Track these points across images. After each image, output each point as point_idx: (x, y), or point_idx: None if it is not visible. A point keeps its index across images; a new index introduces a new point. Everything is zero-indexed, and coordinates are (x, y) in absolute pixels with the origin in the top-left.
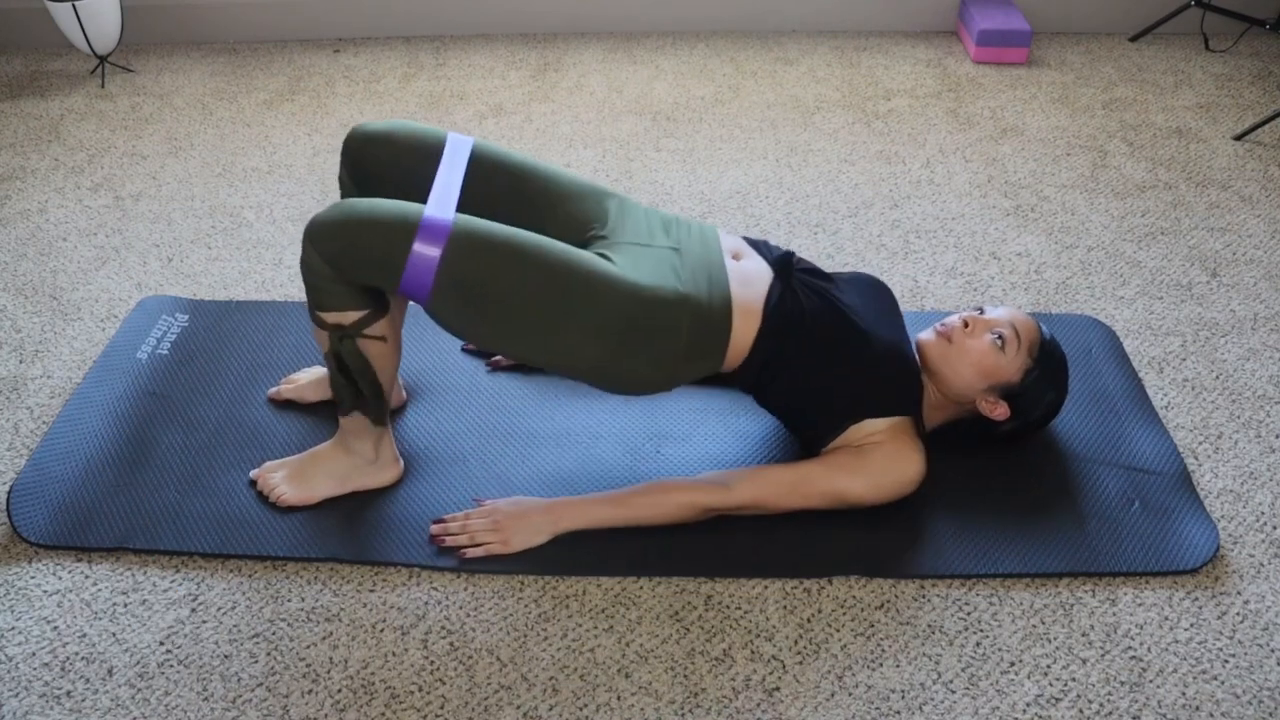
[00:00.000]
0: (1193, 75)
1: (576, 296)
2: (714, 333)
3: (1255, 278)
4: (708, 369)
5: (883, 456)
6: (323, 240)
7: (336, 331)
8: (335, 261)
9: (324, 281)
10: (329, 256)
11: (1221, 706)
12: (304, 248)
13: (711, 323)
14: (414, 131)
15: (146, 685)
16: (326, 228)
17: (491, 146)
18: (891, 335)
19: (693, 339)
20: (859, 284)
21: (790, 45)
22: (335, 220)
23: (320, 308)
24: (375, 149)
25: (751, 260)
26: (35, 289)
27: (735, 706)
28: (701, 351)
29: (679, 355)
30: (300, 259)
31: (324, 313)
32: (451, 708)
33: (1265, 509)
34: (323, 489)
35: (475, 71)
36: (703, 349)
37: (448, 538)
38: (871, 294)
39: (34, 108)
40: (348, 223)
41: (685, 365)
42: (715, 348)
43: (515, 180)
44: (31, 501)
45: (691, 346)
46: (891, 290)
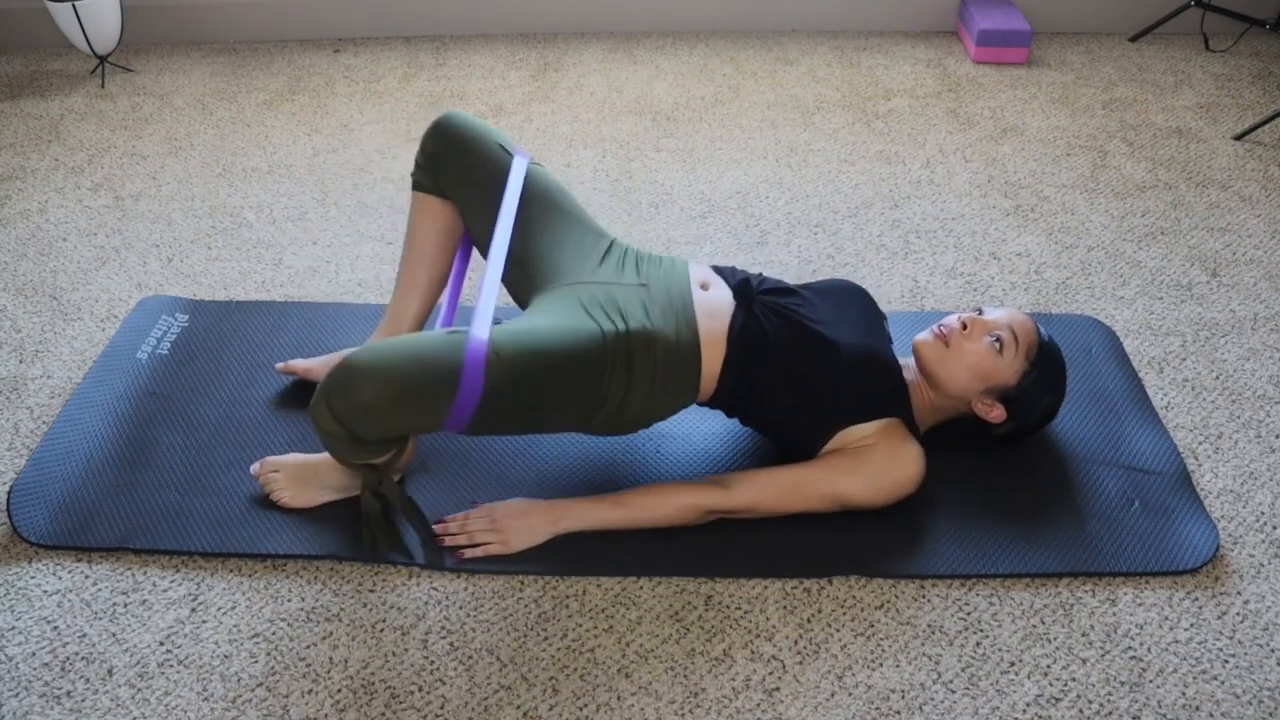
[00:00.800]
0: (1193, 75)
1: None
2: (685, 366)
3: (1255, 278)
4: (684, 401)
5: (879, 456)
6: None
7: (373, 475)
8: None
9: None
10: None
11: (1221, 706)
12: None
13: (682, 356)
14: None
15: (146, 685)
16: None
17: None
18: (863, 340)
19: (667, 376)
20: (831, 292)
21: (790, 45)
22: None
23: (347, 457)
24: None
25: (717, 289)
26: (35, 289)
27: (735, 706)
28: (676, 386)
29: (655, 394)
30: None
31: (353, 459)
32: (451, 708)
33: (1265, 509)
34: (323, 496)
35: (475, 71)
36: (677, 382)
37: (447, 538)
38: (843, 301)
39: (34, 108)
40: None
41: (662, 402)
42: (688, 380)
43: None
44: (31, 501)
45: (666, 384)
46: (868, 293)
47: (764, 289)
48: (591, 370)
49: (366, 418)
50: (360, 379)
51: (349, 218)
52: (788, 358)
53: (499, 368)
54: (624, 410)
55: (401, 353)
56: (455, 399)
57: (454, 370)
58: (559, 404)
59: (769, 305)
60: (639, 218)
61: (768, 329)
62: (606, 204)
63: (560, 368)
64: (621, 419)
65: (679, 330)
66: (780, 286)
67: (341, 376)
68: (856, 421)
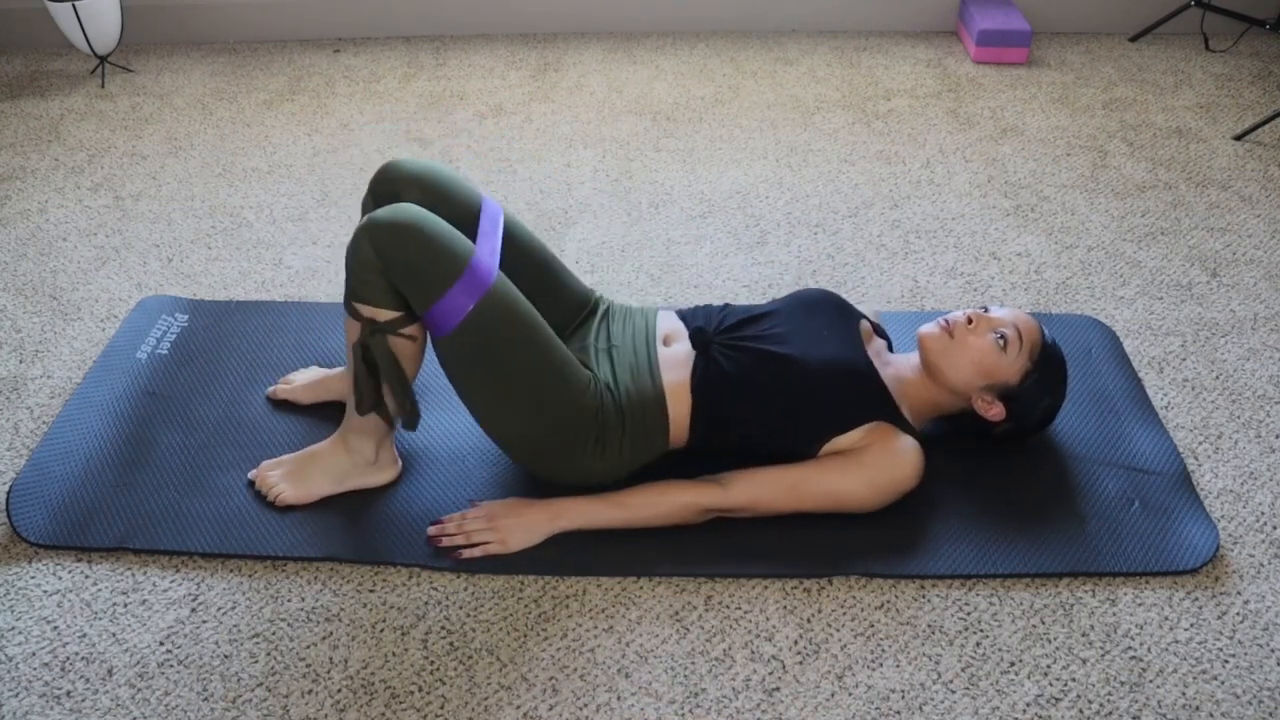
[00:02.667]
0: (1193, 75)
1: (556, 389)
2: (651, 423)
3: (1255, 278)
4: (653, 454)
5: (874, 456)
6: (380, 236)
7: (369, 325)
8: (385, 256)
9: (368, 273)
10: (381, 251)
11: (1221, 706)
12: (358, 236)
13: (647, 413)
14: (445, 182)
15: (146, 685)
16: (388, 226)
17: (516, 219)
18: (831, 352)
19: (633, 433)
20: (795, 307)
21: (790, 45)
22: (398, 223)
23: (358, 297)
24: (407, 191)
25: (679, 343)
26: (35, 289)
27: (735, 706)
28: (644, 443)
29: (624, 451)
30: (349, 246)
31: (360, 304)
32: (451, 708)
33: (1265, 509)
34: (321, 488)
35: (475, 71)
36: (645, 440)
37: (444, 538)
38: (810, 313)
39: (34, 108)
40: (409, 230)
41: (630, 455)
42: (656, 435)
43: (529, 258)
44: (31, 501)
45: (634, 441)
46: (835, 297)
47: (724, 327)
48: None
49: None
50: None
51: (349, 218)
52: (754, 388)
53: (495, 300)
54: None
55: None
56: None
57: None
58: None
59: (727, 344)
60: (639, 218)
61: (728, 369)
62: (606, 204)
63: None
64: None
65: (644, 389)
66: (745, 317)
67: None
68: (838, 433)
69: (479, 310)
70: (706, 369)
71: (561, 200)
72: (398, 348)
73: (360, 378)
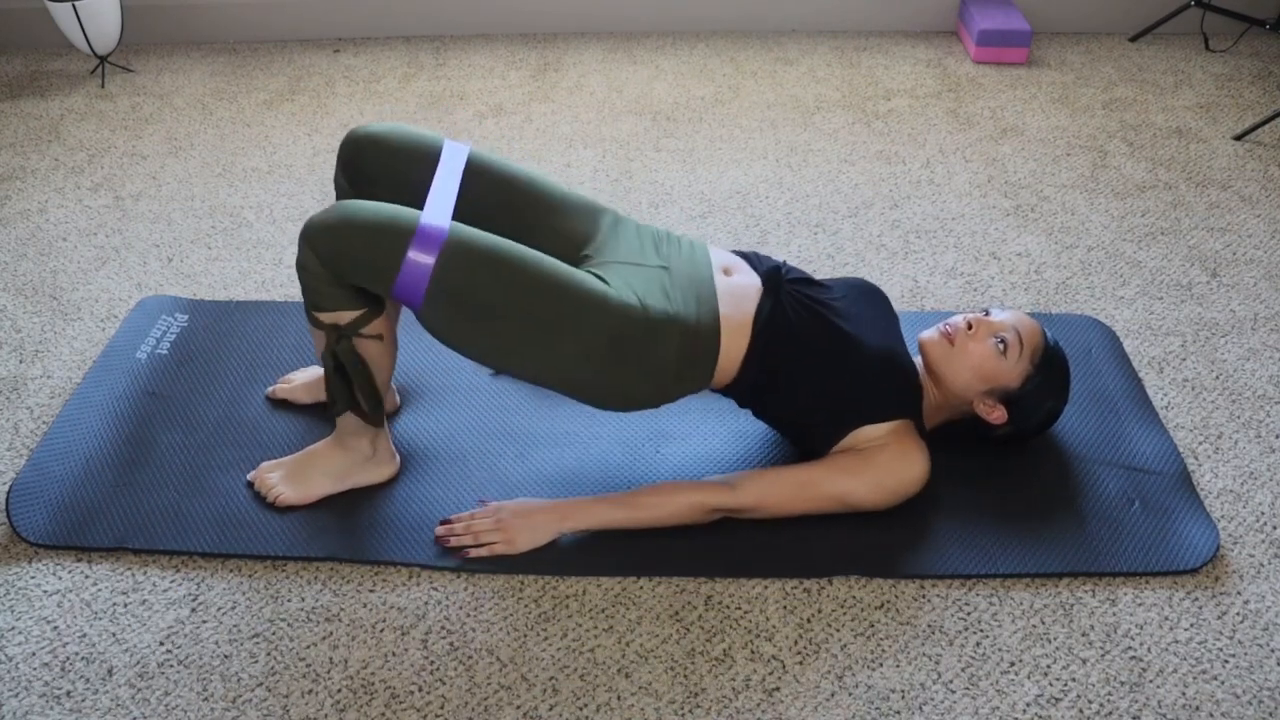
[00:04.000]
0: (1193, 75)
1: (568, 313)
2: (703, 352)
3: (1255, 278)
4: (696, 386)
5: (886, 458)
6: (318, 241)
7: (333, 332)
8: (330, 262)
9: (319, 282)
10: (324, 257)
11: (1221, 706)
12: (300, 248)
13: (700, 342)
14: (410, 136)
15: (146, 685)
16: (322, 229)
17: (488, 155)
18: (885, 340)
19: (682, 358)
20: (852, 290)
21: (790, 45)
22: (331, 222)
23: (316, 308)
24: (371, 152)
25: (742, 275)
26: (35, 289)
27: (735, 706)
28: (690, 371)
29: (668, 374)
30: (296, 259)
31: (320, 313)
32: (451, 708)
33: (1265, 509)
34: (320, 487)
35: (475, 71)
36: (691, 368)
37: (452, 538)
38: (864, 299)
39: (34, 108)
40: (344, 225)
41: (674, 383)
42: (704, 366)
43: (510, 191)
44: (31, 501)
45: (681, 365)
46: (885, 294)
47: (791, 279)
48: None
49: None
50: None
51: None
52: (812, 352)
53: (459, 247)
54: (633, 384)
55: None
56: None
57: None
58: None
59: (796, 296)
60: (639, 218)
61: (794, 321)
62: (606, 204)
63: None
64: (629, 393)
65: (700, 316)
66: (806, 278)
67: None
68: (872, 421)
69: (443, 263)
70: (774, 312)
71: None
72: (364, 348)
73: (333, 383)
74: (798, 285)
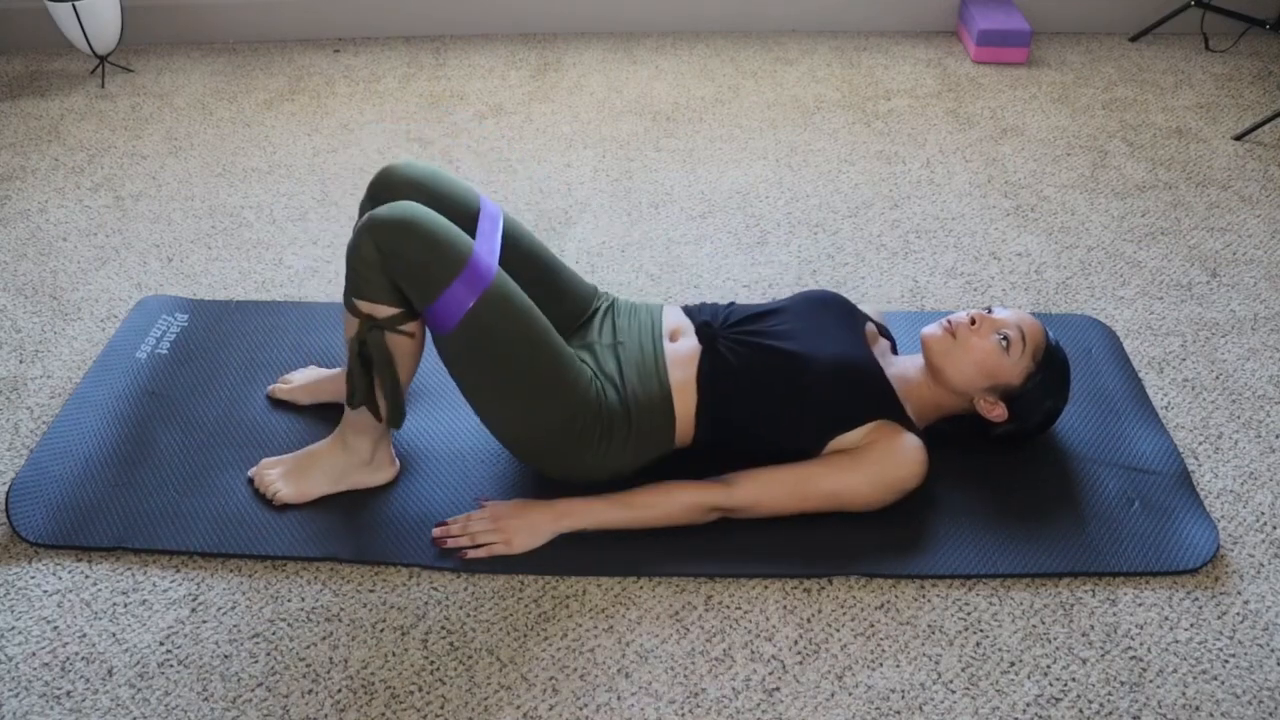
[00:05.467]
0: (1193, 75)
1: (559, 387)
2: (658, 422)
3: (1255, 278)
4: (659, 451)
5: (878, 454)
6: (382, 233)
7: (367, 321)
8: (386, 255)
9: (369, 270)
10: (382, 248)
11: (1221, 706)
12: (358, 234)
13: (654, 413)
14: (447, 185)
15: (146, 685)
16: (390, 223)
17: (514, 220)
18: (838, 349)
19: (639, 431)
20: (801, 307)
21: (790, 45)
22: (398, 220)
23: (358, 294)
24: (405, 196)
25: (686, 338)
26: (35, 289)
27: (735, 706)
28: (651, 440)
29: (629, 448)
30: (350, 244)
31: (360, 300)
32: (451, 708)
33: (1265, 509)
34: (318, 487)
35: (475, 71)
36: (651, 437)
37: (449, 539)
38: (815, 313)
39: (34, 108)
40: (411, 228)
41: (636, 454)
42: (662, 434)
43: (529, 258)
44: (31, 501)
45: (640, 438)
46: (842, 298)
47: (730, 323)
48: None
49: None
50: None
51: (349, 217)
52: (759, 384)
53: (497, 296)
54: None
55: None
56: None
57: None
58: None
59: (734, 339)
60: (639, 218)
61: (735, 364)
62: (606, 204)
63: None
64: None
65: (649, 386)
66: (751, 313)
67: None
68: (842, 430)
69: (480, 306)
70: (713, 364)
71: (561, 200)
72: (394, 345)
73: (355, 372)
74: (736, 326)
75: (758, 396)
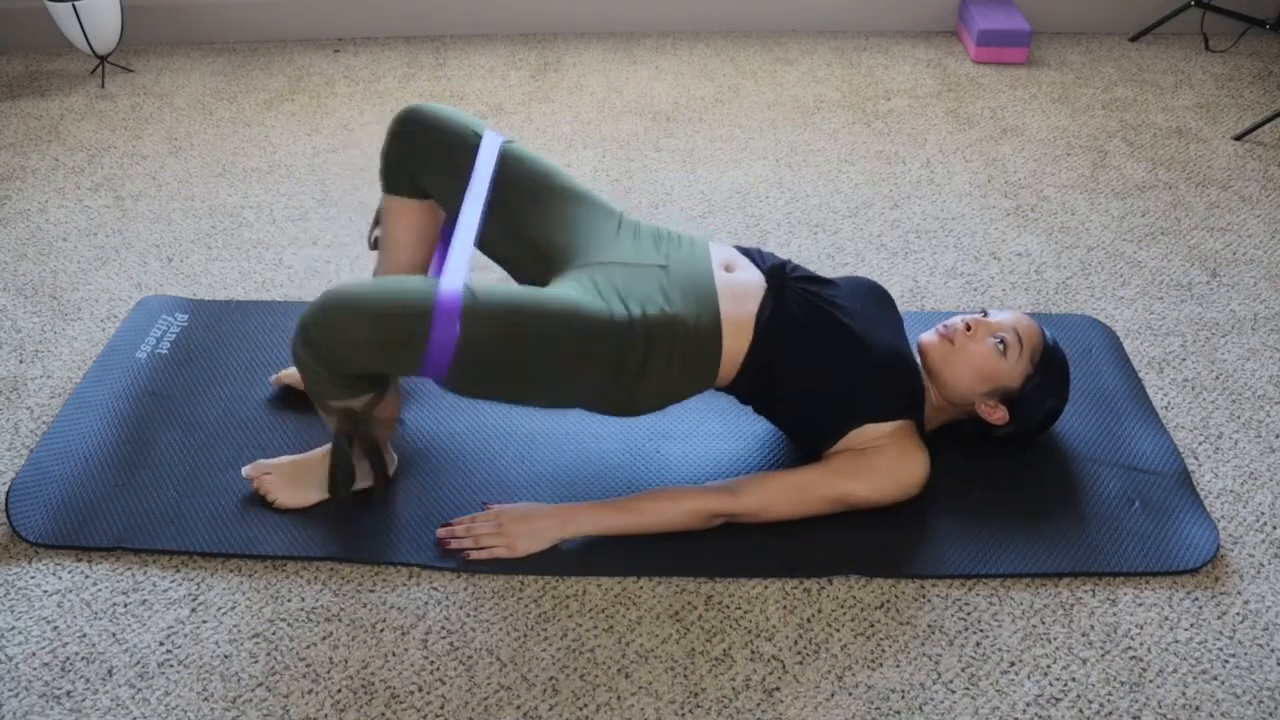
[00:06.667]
0: (1193, 75)
1: (579, 345)
2: (705, 352)
3: (1255, 278)
4: (701, 387)
5: (887, 459)
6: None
7: (346, 417)
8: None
9: (321, 383)
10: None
11: (1221, 706)
12: (296, 344)
13: (701, 342)
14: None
15: (146, 685)
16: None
17: (520, 148)
18: (889, 339)
19: (685, 360)
20: (856, 288)
21: (790, 45)
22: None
23: (326, 397)
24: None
25: (744, 272)
26: (35, 289)
27: (735, 706)
28: (694, 371)
29: (672, 377)
30: (293, 354)
31: (330, 400)
32: (451, 708)
33: (1265, 509)
34: (315, 495)
35: (475, 71)
36: (695, 368)
37: (453, 540)
38: (869, 298)
39: (34, 108)
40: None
41: (679, 385)
42: (707, 366)
43: (538, 183)
44: (31, 501)
45: (684, 367)
46: (889, 293)
47: (796, 276)
48: (596, 344)
49: (341, 348)
50: (336, 307)
51: (349, 218)
52: (816, 351)
53: (477, 313)
54: (638, 392)
55: (379, 286)
56: (430, 337)
57: (428, 305)
58: (555, 371)
59: (801, 293)
60: (639, 218)
61: (799, 318)
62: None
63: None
64: (635, 401)
65: (699, 315)
66: (812, 275)
67: (319, 305)
68: (874, 420)
69: (467, 330)
70: (776, 308)
71: None
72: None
73: (342, 465)
74: (803, 282)
75: (811, 361)
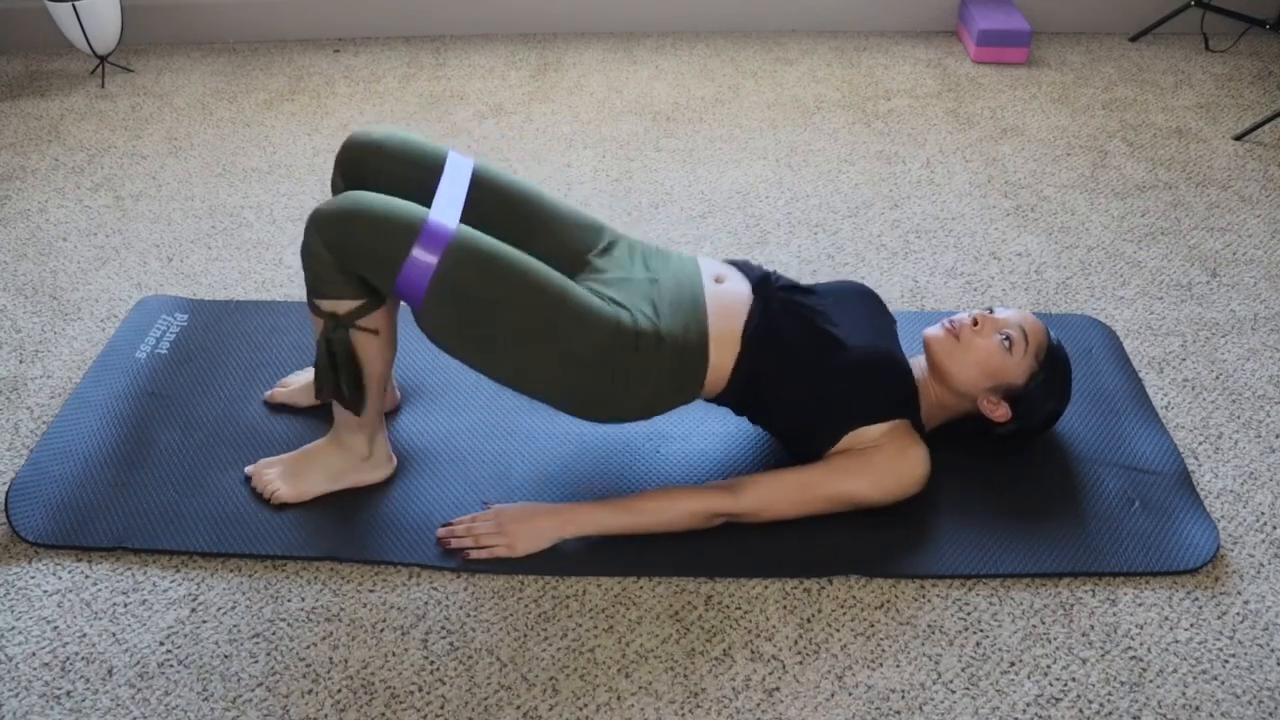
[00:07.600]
0: (1193, 75)
1: (562, 324)
2: (691, 365)
3: (1255, 278)
4: (686, 399)
5: (886, 458)
6: (326, 228)
7: (330, 320)
8: (336, 249)
9: (323, 268)
10: (330, 243)
11: (1221, 706)
12: (307, 233)
13: (688, 355)
14: (409, 143)
15: (146, 685)
16: (331, 216)
17: (492, 167)
18: (875, 341)
19: (671, 372)
20: (842, 294)
21: (790, 45)
22: (341, 211)
23: (317, 294)
24: (372, 160)
25: (733, 282)
26: (35, 289)
27: (735, 706)
28: (679, 384)
29: (657, 388)
30: (302, 244)
31: (320, 299)
32: (451, 708)
33: (1265, 509)
34: (316, 486)
35: (475, 71)
36: (680, 381)
37: (453, 540)
38: (855, 302)
39: (34, 108)
40: (353, 215)
41: (663, 397)
42: (693, 379)
43: (513, 202)
44: (30, 501)
45: (670, 379)
46: (879, 296)
47: (780, 285)
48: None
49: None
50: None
51: None
52: (802, 359)
53: (463, 247)
54: (621, 395)
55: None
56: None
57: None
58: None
59: (785, 303)
60: (639, 218)
61: (784, 328)
62: (606, 204)
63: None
64: (619, 403)
65: (688, 328)
66: (796, 285)
67: (336, 202)
68: (867, 422)
69: (447, 264)
70: (764, 320)
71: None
72: (361, 343)
73: (322, 368)
74: (787, 291)
75: (798, 370)
